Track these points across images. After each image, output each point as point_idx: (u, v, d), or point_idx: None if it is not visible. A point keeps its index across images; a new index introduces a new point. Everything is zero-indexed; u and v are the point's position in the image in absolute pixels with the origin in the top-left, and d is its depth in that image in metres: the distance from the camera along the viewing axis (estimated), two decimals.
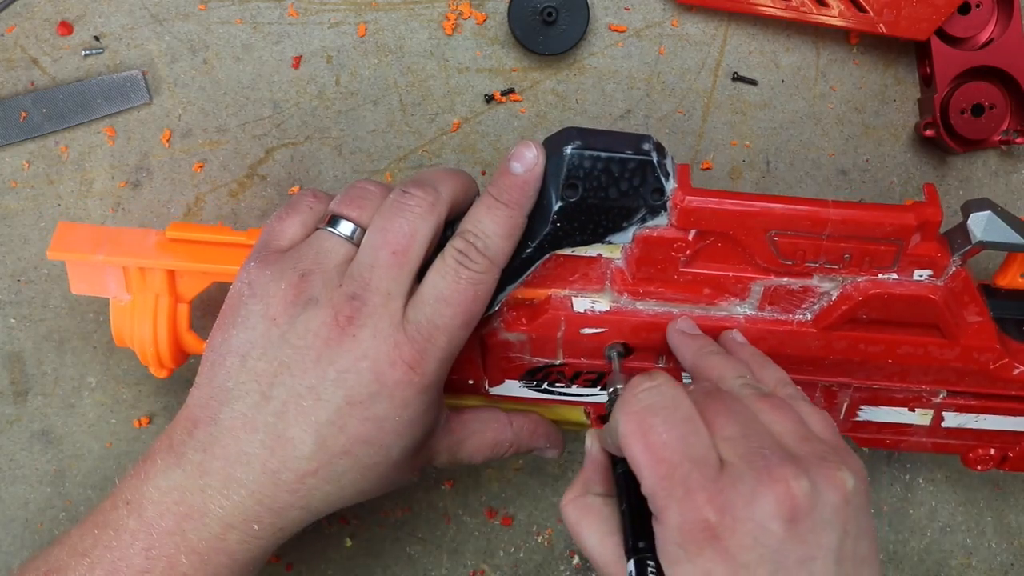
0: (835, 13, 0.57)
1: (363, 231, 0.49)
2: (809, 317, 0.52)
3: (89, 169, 0.60)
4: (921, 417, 0.55)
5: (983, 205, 0.50)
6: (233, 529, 0.47)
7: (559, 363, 0.53)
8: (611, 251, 0.51)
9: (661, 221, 0.49)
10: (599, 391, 0.55)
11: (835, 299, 0.51)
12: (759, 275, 0.50)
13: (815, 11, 0.57)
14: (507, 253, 0.48)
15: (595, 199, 0.48)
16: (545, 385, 0.55)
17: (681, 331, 0.51)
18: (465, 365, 0.53)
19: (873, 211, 0.48)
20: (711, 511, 0.40)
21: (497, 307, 0.51)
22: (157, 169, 0.60)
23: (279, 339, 0.47)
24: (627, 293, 0.51)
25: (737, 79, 0.60)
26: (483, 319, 0.50)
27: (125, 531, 0.47)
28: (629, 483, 0.44)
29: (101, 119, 0.59)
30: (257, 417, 0.47)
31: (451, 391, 0.54)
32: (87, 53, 0.59)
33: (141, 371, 0.62)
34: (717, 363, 0.48)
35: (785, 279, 0.50)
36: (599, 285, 0.51)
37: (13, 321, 0.61)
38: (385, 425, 0.47)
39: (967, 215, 0.50)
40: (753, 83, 0.60)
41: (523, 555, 0.65)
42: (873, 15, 0.57)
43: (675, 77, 0.60)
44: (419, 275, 0.48)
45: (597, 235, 0.49)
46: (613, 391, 0.50)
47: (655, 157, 0.48)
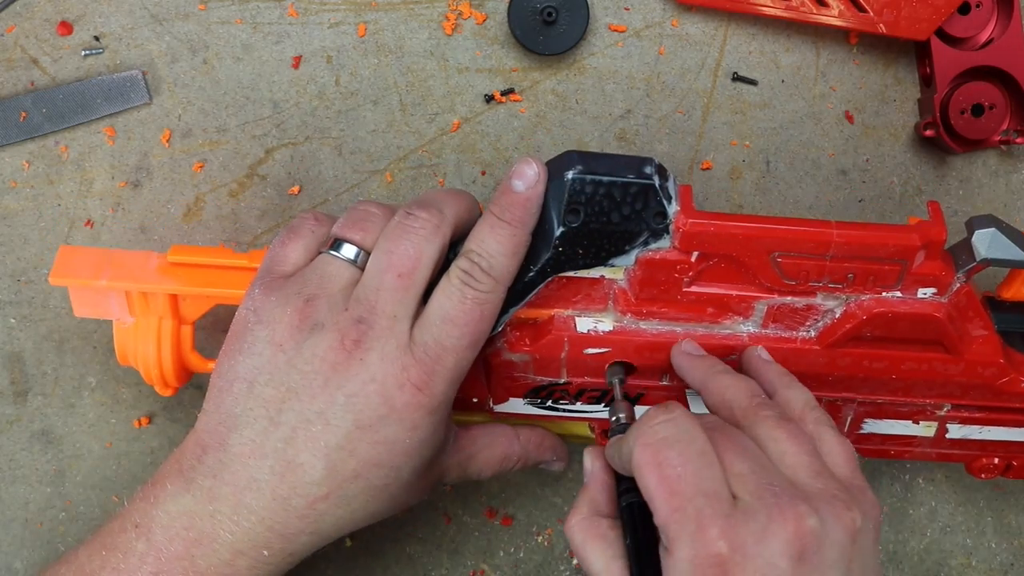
0: (835, 13, 0.57)
1: (367, 254, 0.49)
2: (813, 334, 0.52)
3: (89, 169, 0.60)
4: (925, 429, 0.55)
5: (987, 222, 0.49)
6: (242, 555, 0.47)
7: (563, 382, 0.53)
8: (614, 272, 0.51)
9: (664, 244, 0.49)
10: (603, 407, 0.55)
11: (839, 317, 0.51)
12: (763, 294, 0.50)
13: (815, 11, 0.57)
14: (512, 271, 0.48)
15: (597, 224, 0.48)
16: (549, 403, 0.55)
17: (687, 353, 0.51)
18: (469, 384, 0.53)
19: (877, 232, 0.48)
20: (724, 545, 0.40)
21: (500, 328, 0.51)
22: (157, 169, 0.60)
23: (286, 365, 0.47)
24: (630, 313, 0.51)
25: (737, 79, 0.60)
26: (487, 339, 0.50)
27: (133, 554, 0.47)
28: (634, 516, 0.44)
29: (101, 119, 0.59)
30: (266, 443, 0.47)
31: (457, 408, 0.54)
32: (87, 53, 0.59)
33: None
34: (728, 383, 0.48)
35: (788, 298, 0.50)
36: (602, 305, 0.52)
37: (13, 321, 0.61)
38: (395, 448, 0.47)
39: (971, 232, 0.49)
40: (753, 83, 0.60)
41: (523, 555, 0.65)
42: (873, 15, 0.57)
43: (675, 77, 0.60)
44: (425, 297, 0.48)
45: (600, 258, 0.49)
46: (616, 420, 0.49)
47: (657, 181, 0.48)
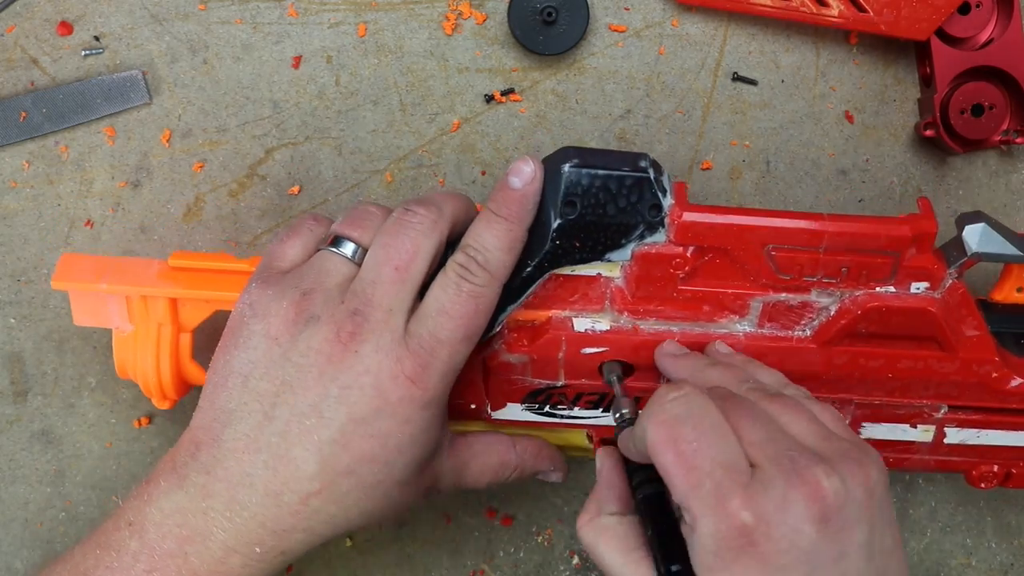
0: (835, 13, 0.57)
1: (364, 251, 0.49)
2: (809, 333, 0.52)
3: (89, 169, 0.60)
4: (923, 433, 0.55)
5: (977, 217, 0.50)
6: (235, 552, 0.47)
7: (561, 384, 0.53)
8: (610, 270, 0.51)
9: (659, 238, 0.49)
10: (601, 412, 0.55)
11: (834, 314, 0.51)
12: (758, 291, 0.51)
13: (815, 11, 0.57)
14: (508, 267, 0.49)
15: (593, 216, 0.48)
16: (547, 408, 0.55)
17: (670, 354, 0.51)
18: (467, 389, 0.53)
19: (869, 223, 0.49)
20: (747, 515, 0.40)
21: (498, 328, 0.51)
22: (157, 169, 0.60)
23: (281, 358, 0.47)
24: (627, 312, 0.51)
25: (737, 79, 0.60)
26: (484, 341, 0.50)
27: (127, 552, 0.47)
28: (651, 507, 0.44)
29: (101, 119, 0.59)
30: (260, 438, 0.47)
31: (454, 417, 0.54)
32: (87, 53, 0.59)
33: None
34: (716, 375, 0.48)
35: (783, 294, 0.51)
36: (599, 305, 0.52)
37: (13, 321, 0.61)
38: (388, 442, 0.47)
39: (961, 228, 0.50)
40: (753, 83, 0.60)
41: (523, 555, 0.65)
42: (873, 15, 0.57)
43: (675, 77, 0.60)
44: (421, 293, 0.48)
45: (596, 253, 0.49)
46: (619, 415, 0.49)
47: (652, 174, 0.48)
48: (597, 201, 0.48)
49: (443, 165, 0.60)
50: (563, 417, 0.55)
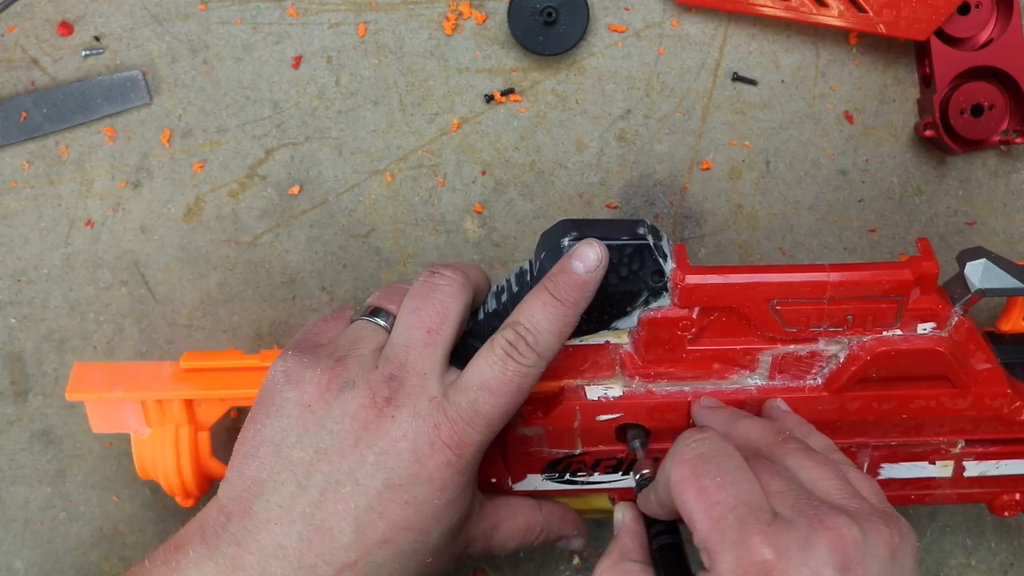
0: (835, 13, 0.57)
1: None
2: (820, 382, 0.52)
3: (89, 169, 0.60)
4: (942, 469, 0.55)
5: (977, 253, 0.50)
6: None
7: (579, 452, 0.53)
8: (618, 336, 0.51)
9: (664, 302, 0.49)
10: (621, 476, 0.55)
11: (843, 361, 0.51)
12: (766, 345, 0.51)
13: (815, 11, 0.57)
14: (555, 350, 0.48)
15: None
16: (567, 476, 0.54)
17: (707, 408, 0.51)
18: (486, 463, 0.52)
19: (870, 270, 0.49)
20: (768, 552, 0.39)
21: None
22: (157, 169, 0.60)
23: (315, 425, 0.47)
24: (638, 376, 0.51)
25: (737, 79, 0.60)
26: None
27: None
28: (667, 556, 0.45)
29: (101, 119, 0.59)
30: (294, 508, 0.46)
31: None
32: (87, 53, 0.59)
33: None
34: (751, 425, 0.48)
35: (792, 346, 0.51)
36: (610, 371, 0.52)
37: (13, 321, 0.61)
38: (424, 509, 0.46)
39: (962, 265, 0.50)
40: (753, 83, 0.60)
41: (523, 555, 0.65)
42: (873, 15, 0.57)
43: (675, 77, 0.60)
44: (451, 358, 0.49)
45: (603, 322, 0.50)
46: (640, 476, 0.50)
47: (651, 240, 0.48)
48: None
49: (443, 165, 0.60)
50: (584, 484, 0.55)
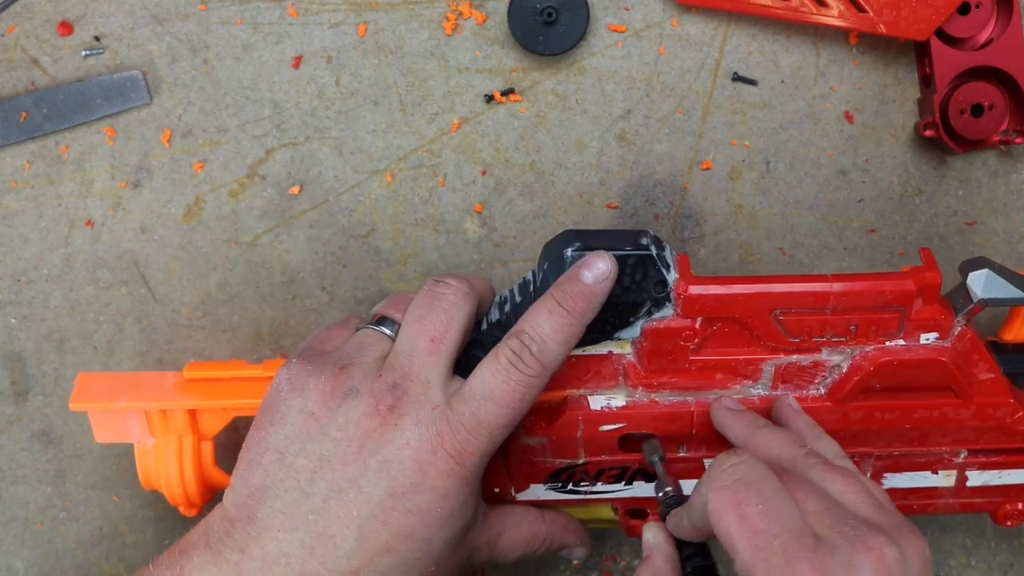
0: (835, 13, 0.57)
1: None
2: (823, 391, 0.52)
3: (89, 169, 0.60)
4: (945, 479, 0.55)
5: (979, 263, 0.50)
6: None
7: (582, 462, 0.53)
8: (621, 347, 0.52)
9: (667, 312, 0.50)
10: (624, 486, 0.55)
11: (846, 371, 0.51)
12: (768, 355, 0.51)
13: (815, 11, 0.57)
14: (560, 360, 0.48)
15: None
16: (570, 486, 0.55)
17: (728, 409, 0.51)
18: (489, 473, 0.52)
19: (873, 281, 0.49)
20: None
21: None
22: (157, 169, 0.60)
23: (319, 433, 0.47)
24: (641, 386, 0.52)
25: (737, 79, 0.60)
26: None
27: None
28: None
29: (101, 119, 0.59)
30: (297, 515, 0.46)
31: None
32: (87, 53, 0.59)
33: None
34: (771, 436, 0.48)
35: (795, 356, 0.51)
36: (613, 381, 0.52)
37: (13, 321, 0.61)
38: (427, 517, 0.46)
39: (965, 275, 0.50)
40: (753, 83, 0.60)
41: None
42: (873, 15, 0.57)
43: (675, 77, 0.60)
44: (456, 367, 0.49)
45: (606, 332, 0.50)
46: (664, 494, 0.50)
47: (654, 250, 0.48)
48: None
49: (443, 165, 0.60)
50: (587, 493, 0.55)
